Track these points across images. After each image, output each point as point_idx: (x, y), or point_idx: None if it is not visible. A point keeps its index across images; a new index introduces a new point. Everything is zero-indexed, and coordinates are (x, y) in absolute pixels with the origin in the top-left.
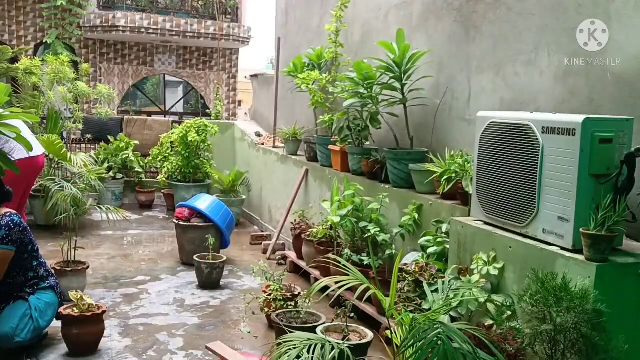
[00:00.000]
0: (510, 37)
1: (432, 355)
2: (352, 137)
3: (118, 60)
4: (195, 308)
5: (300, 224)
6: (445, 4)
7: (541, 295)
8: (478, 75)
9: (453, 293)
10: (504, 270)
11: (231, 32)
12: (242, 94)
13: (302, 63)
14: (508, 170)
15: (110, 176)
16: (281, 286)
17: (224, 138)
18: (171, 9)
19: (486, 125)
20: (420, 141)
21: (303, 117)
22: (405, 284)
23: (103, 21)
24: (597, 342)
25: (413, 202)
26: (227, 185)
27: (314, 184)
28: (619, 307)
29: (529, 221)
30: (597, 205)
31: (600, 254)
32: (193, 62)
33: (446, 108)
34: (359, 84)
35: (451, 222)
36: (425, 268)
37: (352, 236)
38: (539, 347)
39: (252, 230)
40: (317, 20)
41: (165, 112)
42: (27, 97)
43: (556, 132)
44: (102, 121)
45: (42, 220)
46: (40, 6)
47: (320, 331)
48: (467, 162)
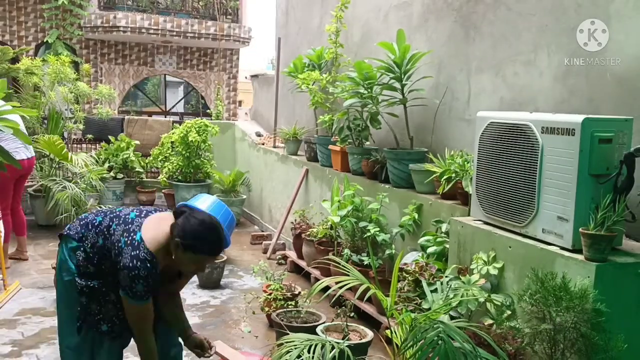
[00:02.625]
0: (510, 37)
1: (433, 354)
2: (352, 137)
3: (119, 61)
4: (196, 307)
5: (301, 224)
6: (445, 4)
7: (541, 294)
8: (478, 76)
9: (453, 293)
10: (504, 269)
11: (231, 32)
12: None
13: (302, 63)
14: (508, 170)
15: (111, 176)
16: (281, 286)
17: (225, 138)
18: (172, 10)
19: (486, 125)
20: (420, 141)
21: (303, 117)
22: (405, 283)
23: (104, 21)
24: (596, 342)
25: (413, 202)
26: (227, 185)
27: (314, 184)
28: (619, 307)
29: (529, 221)
30: (597, 205)
31: (599, 253)
32: (194, 62)
33: (446, 108)
34: (359, 84)
35: (451, 222)
36: (425, 268)
37: (352, 236)
38: (539, 347)
39: (253, 230)
40: (317, 20)
41: (165, 112)
42: (28, 97)
43: (556, 132)
44: (103, 121)
45: (43, 220)
46: (41, 6)
47: (321, 330)
48: (466, 162)
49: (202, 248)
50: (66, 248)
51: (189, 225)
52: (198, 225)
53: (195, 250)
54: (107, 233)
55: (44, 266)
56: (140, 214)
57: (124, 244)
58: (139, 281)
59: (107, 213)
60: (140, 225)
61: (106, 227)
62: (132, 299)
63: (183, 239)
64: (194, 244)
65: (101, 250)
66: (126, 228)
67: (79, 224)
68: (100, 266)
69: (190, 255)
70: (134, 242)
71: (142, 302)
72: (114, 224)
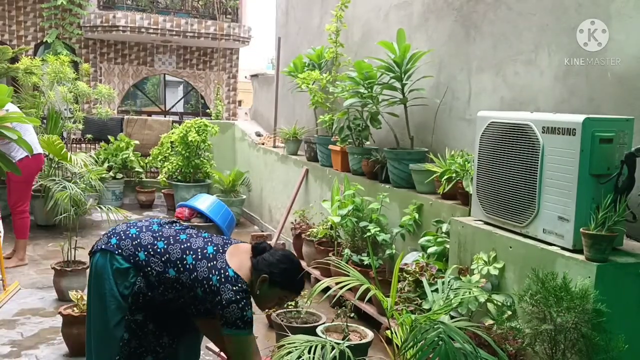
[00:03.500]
0: (511, 37)
1: (434, 355)
2: (352, 137)
3: (118, 60)
4: None
5: (301, 224)
6: (445, 3)
7: (541, 295)
8: (478, 75)
9: (453, 293)
10: (504, 270)
11: (231, 32)
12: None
13: (302, 63)
14: (508, 170)
15: (111, 176)
16: None
17: (224, 138)
18: (171, 9)
19: (486, 125)
20: (421, 141)
21: (303, 117)
22: (405, 283)
23: (103, 21)
24: (597, 342)
25: (413, 202)
26: (227, 185)
27: (314, 184)
28: (619, 307)
29: (529, 221)
30: (598, 205)
31: (600, 253)
32: (193, 62)
33: (446, 108)
34: (359, 83)
35: (451, 222)
36: (426, 268)
37: (352, 236)
38: (539, 347)
39: (252, 230)
40: (317, 20)
41: (165, 112)
42: (27, 97)
43: (556, 132)
44: (103, 121)
45: (42, 220)
46: (41, 6)
47: (321, 331)
48: (467, 161)
49: (289, 285)
50: (112, 270)
51: (276, 261)
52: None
53: (283, 286)
54: (182, 266)
55: (43, 266)
56: (217, 248)
57: (217, 282)
58: (248, 308)
59: (169, 240)
60: (225, 261)
61: (178, 259)
62: (243, 329)
63: (272, 275)
64: (282, 281)
65: (170, 282)
66: (211, 265)
67: (131, 244)
68: (163, 297)
69: (276, 290)
70: (230, 278)
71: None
72: (189, 257)
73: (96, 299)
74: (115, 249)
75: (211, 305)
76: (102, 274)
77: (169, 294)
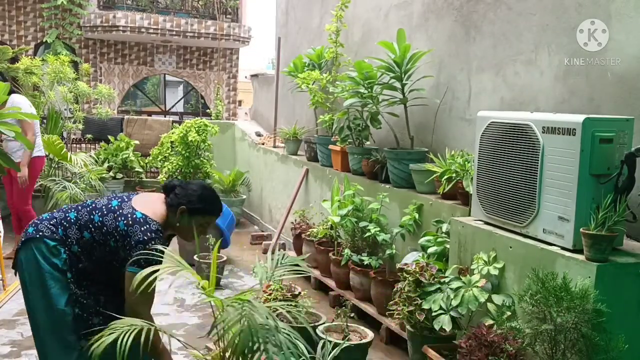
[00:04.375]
0: (511, 37)
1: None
2: (352, 136)
3: (118, 60)
4: (196, 308)
5: (301, 224)
6: (445, 3)
7: (541, 295)
8: (478, 75)
9: (453, 293)
10: (504, 270)
11: (231, 32)
12: (242, 94)
13: (302, 63)
14: (508, 170)
15: (111, 176)
16: (281, 286)
17: (224, 138)
18: (171, 9)
19: (486, 125)
20: (421, 141)
21: (303, 117)
22: (405, 283)
23: (103, 21)
24: (597, 342)
25: (413, 202)
26: (227, 185)
27: (314, 184)
28: (619, 307)
29: (530, 221)
30: (598, 205)
31: (600, 253)
32: (193, 62)
33: (446, 108)
34: (359, 83)
35: (451, 222)
36: (426, 268)
37: (352, 236)
38: (539, 347)
39: (253, 230)
40: (317, 20)
41: (165, 112)
42: (27, 97)
43: (556, 132)
44: (103, 121)
45: None
46: (41, 6)
47: (321, 331)
48: (467, 161)
49: (210, 208)
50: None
51: (191, 191)
52: (201, 190)
53: (204, 212)
54: (92, 226)
55: None
56: (120, 200)
57: (125, 225)
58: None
59: (78, 208)
60: (131, 207)
61: (88, 220)
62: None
63: (190, 204)
64: (202, 207)
65: (89, 245)
66: (117, 214)
67: (49, 224)
68: (91, 261)
69: (197, 218)
70: (138, 219)
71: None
72: (95, 216)
73: (37, 294)
74: (35, 234)
75: (124, 252)
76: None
77: (94, 256)
